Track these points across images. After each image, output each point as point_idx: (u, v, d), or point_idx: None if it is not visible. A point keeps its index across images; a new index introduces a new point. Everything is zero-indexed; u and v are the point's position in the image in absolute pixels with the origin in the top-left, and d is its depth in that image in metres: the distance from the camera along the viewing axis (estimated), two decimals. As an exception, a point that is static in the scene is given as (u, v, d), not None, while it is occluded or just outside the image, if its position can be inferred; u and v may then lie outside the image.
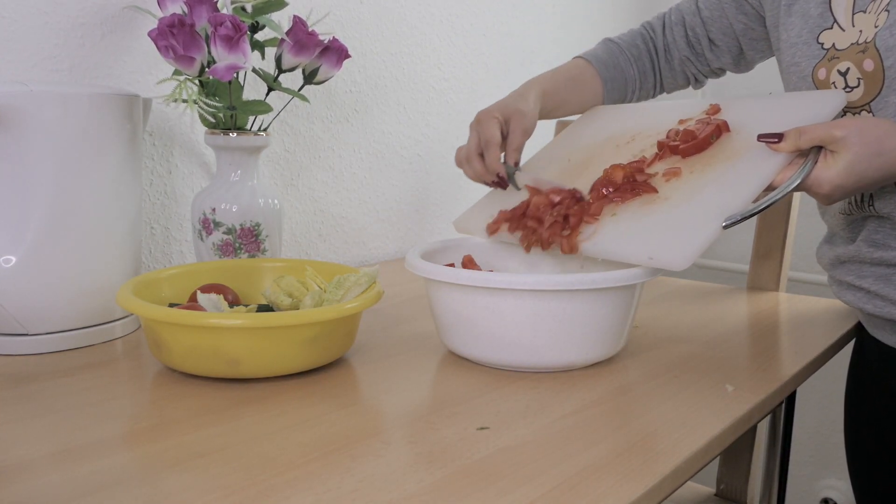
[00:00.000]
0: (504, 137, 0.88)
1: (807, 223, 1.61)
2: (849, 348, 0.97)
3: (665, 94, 1.06)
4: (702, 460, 0.58)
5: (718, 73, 1.03)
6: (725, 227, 0.68)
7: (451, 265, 0.82)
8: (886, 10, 0.77)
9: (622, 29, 1.86)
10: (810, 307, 1.02)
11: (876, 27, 0.77)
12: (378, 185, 1.32)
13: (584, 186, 0.83)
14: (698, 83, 1.04)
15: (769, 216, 1.14)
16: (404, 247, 1.38)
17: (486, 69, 1.50)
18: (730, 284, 1.18)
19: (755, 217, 1.15)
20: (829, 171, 0.70)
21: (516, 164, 0.88)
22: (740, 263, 1.83)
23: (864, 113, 0.80)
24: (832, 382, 1.67)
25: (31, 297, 0.75)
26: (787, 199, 1.12)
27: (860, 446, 0.96)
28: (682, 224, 0.71)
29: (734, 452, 1.11)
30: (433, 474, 0.52)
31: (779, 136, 0.72)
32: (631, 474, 0.52)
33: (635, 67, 1.01)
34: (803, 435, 1.78)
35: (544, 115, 0.95)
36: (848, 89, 0.80)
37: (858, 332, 0.95)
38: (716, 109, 0.85)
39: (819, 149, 0.71)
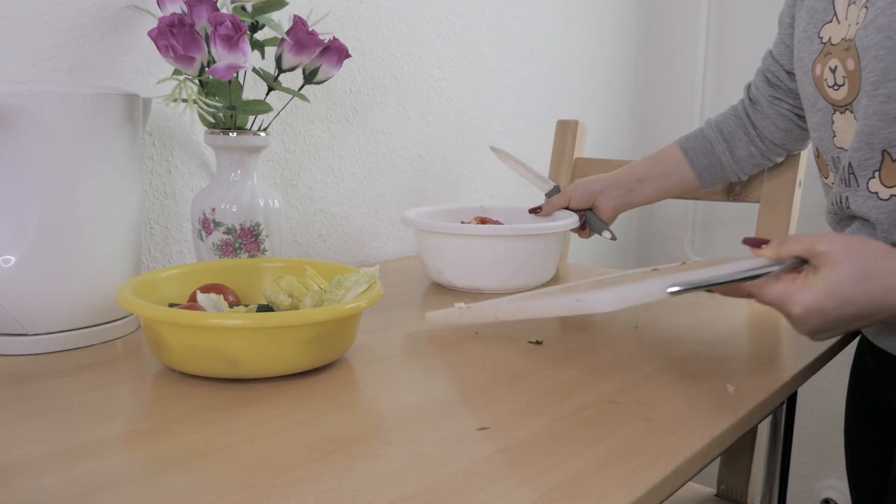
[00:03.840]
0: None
1: (807, 224, 1.61)
2: (851, 348, 0.97)
3: (773, 143, 1.05)
4: (702, 461, 0.58)
5: None
6: (671, 294, 0.60)
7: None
8: (865, 7, 0.75)
9: (621, 28, 1.87)
10: (811, 307, 1.02)
11: (857, 24, 0.76)
12: (378, 185, 1.32)
13: None
14: (801, 118, 1.00)
15: (769, 217, 1.14)
16: (404, 247, 1.38)
17: (486, 69, 1.50)
18: (730, 284, 1.17)
19: (755, 217, 1.16)
20: (807, 293, 0.60)
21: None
22: (740, 264, 1.83)
23: (847, 112, 0.79)
24: (833, 383, 1.67)
25: (31, 297, 0.75)
26: (787, 199, 1.12)
27: (857, 449, 0.96)
28: (632, 286, 0.65)
29: (735, 453, 1.11)
30: (433, 474, 0.52)
31: (763, 242, 0.67)
32: (631, 474, 0.52)
33: (724, 143, 1.07)
34: (804, 435, 1.78)
35: (639, 199, 1.11)
36: (836, 87, 0.79)
37: (860, 333, 0.95)
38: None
39: (803, 261, 0.63)
